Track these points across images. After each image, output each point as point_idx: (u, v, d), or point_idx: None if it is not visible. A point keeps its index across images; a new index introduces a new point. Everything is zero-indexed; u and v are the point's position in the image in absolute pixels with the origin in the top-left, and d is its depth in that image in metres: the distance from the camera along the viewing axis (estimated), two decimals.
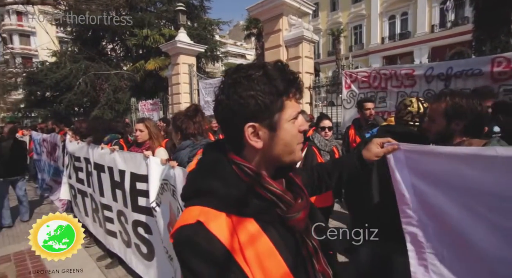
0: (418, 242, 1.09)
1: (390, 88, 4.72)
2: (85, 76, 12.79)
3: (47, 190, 5.59)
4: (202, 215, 0.61)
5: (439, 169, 1.02)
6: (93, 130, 3.22)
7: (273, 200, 0.64)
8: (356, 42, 27.52)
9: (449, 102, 1.27)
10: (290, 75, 0.65)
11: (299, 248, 0.70)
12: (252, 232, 0.62)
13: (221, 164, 0.66)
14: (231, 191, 0.62)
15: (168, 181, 1.94)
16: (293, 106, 0.66)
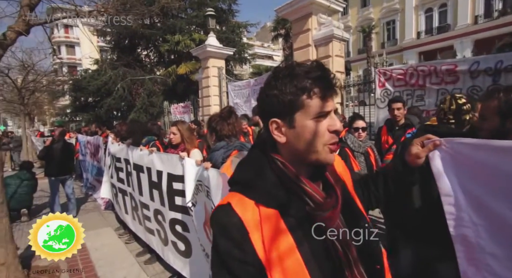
0: (468, 243, 1.01)
1: (429, 86, 4.44)
2: (122, 82, 13.61)
3: (90, 188, 6.05)
4: (234, 199, 0.69)
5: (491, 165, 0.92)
6: (132, 133, 3.41)
7: (301, 196, 0.67)
8: (389, 38, 26.25)
9: (503, 98, 1.16)
10: (315, 73, 0.66)
11: (329, 251, 0.68)
12: (274, 223, 0.65)
13: (258, 157, 0.74)
14: (261, 182, 0.69)
15: (202, 182, 1.99)
16: (316, 104, 0.66)
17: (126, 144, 3.39)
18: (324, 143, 0.67)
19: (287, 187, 0.68)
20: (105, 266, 3.13)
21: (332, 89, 0.67)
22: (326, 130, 0.67)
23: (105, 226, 4.47)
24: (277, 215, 0.66)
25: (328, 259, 0.68)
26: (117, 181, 3.73)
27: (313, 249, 0.66)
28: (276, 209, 0.66)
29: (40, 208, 5.48)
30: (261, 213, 0.66)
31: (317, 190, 0.68)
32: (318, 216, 0.67)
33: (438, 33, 22.50)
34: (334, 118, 0.68)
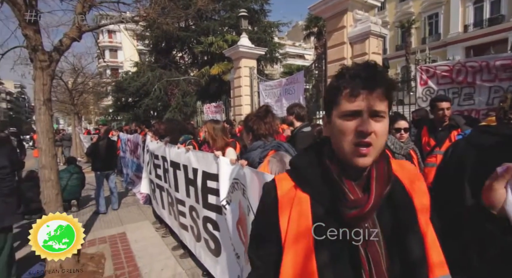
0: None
1: (479, 83, 4.06)
2: (159, 83, 14.34)
3: (130, 183, 6.45)
4: (280, 177, 0.81)
5: None
6: (170, 131, 3.56)
7: (336, 189, 0.70)
8: (430, 33, 24.46)
9: None
10: (350, 72, 0.68)
11: (352, 251, 0.68)
12: (303, 207, 0.72)
13: (312, 149, 0.81)
14: (304, 168, 0.78)
15: (238, 180, 2.01)
16: (345, 102, 0.68)
17: (164, 141, 3.55)
18: (350, 143, 0.67)
19: (327, 178, 0.72)
20: (144, 258, 3.32)
21: (364, 89, 0.65)
22: (353, 131, 0.66)
23: (143, 220, 4.73)
24: (308, 200, 0.73)
25: (345, 258, 0.68)
26: (155, 177, 3.93)
27: (330, 243, 0.68)
28: (309, 194, 0.73)
29: (87, 200, 5.97)
30: (296, 194, 0.74)
31: (350, 186, 0.70)
32: (344, 212, 0.68)
33: (490, 25, 20.46)
34: (365, 119, 0.66)
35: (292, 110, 3.13)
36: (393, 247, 0.69)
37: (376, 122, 0.66)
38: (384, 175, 0.73)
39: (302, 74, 7.09)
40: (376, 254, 0.67)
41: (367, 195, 0.69)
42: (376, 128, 0.66)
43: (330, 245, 0.68)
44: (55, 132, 15.43)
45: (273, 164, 1.64)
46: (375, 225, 0.70)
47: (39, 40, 2.91)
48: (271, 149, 1.80)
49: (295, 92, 7.20)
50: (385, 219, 0.71)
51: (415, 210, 0.74)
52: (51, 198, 2.94)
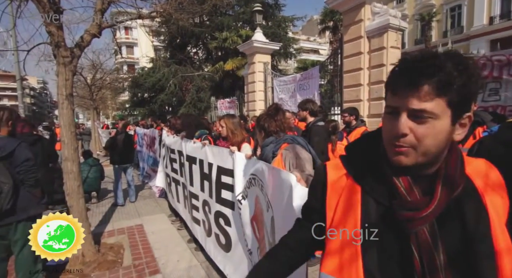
0: None
1: (506, 78, 3.86)
2: (174, 78, 14.54)
3: (147, 177, 6.61)
4: (332, 163, 0.79)
5: None
6: (186, 126, 3.61)
7: (390, 185, 0.65)
8: (452, 26, 23.40)
9: None
10: (400, 63, 0.62)
11: (404, 253, 0.63)
12: (352, 197, 0.70)
13: (370, 136, 0.77)
14: (358, 157, 0.74)
15: (256, 176, 2.02)
16: (389, 98, 0.64)
17: (180, 136, 3.60)
18: (388, 140, 0.64)
19: (381, 172, 0.67)
20: (161, 249, 3.41)
21: (407, 84, 0.58)
22: (392, 129, 0.62)
23: (159, 212, 4.85)
24: (358, 192, 0.69)
25: (397, 260, 0.64)
26: (171, 171, 4.00)
27: (381, 240, 0.65)
28: (360, 185, 0.70)
29: (106, 192, 6.18)
30: (347, 183, 0.72)
31: (407, 185, 0.64)
32: (397, 211, 0.63)
33: None
34: (401, 120, 0.60)
35: (306, 106, 3.20)
36: (453, 248, 0.61)
37: (419, 124, 0.59)
38: (454, 175, 0.64)
39: (317, 69, 6.99)
40: (431, 259, 0.60)
41: (428, 197, 0.62)
42: (417, 130, 0.59)
43: (379, 244, 0.64)
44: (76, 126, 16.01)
45: (287, 155, 1.66)
46: (434, 230, 0.62)
47: (62, 36, 3.00)
48: (284, 142, 1.82)
49: (310, 88, 7.11)
50: (449, 227, 0.63)
51: (489, 220, 0.62)
52: (73, 189, 3.06)
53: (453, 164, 0.65)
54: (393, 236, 0.65)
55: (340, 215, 0.70)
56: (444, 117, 0.59)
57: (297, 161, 1.62)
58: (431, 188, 0.64)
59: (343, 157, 0.79)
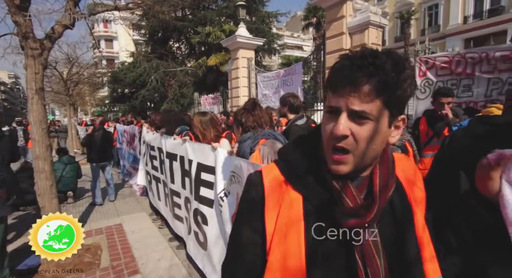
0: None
1: (478, 74, 4.03)
2: (156, 73, 14.15)
3: (127, 175, 6.43)
4: (268, 169, 0.70)
5: None
6: (166, 122, 3.52)
7: (332, 192, 0.62)
8: (430, 25, 24.23)
9: None
10: (341, 62, 0.58)
11: (348, 261, 0.62)
12: (293, 207, 0.64)
13: (306, 140, 0.71)
14: (296, 162, 0.67)
15: (235, 173, 1.99)
16: (329, 98, 0.60)
17: (160, 133, 3.51)
18: (327, 145, 0.60)
19: (321, 177, 0.63)
20: (141, 249, 3.32)
21: (347, 83, 0.55)
22: (330, 131, 0.58)
23: (140, 211, 4.73)
24: (300, 201, 0.64)
25: (341, 269, 0.62)
26: (152, 168, 3.91)
27: (324, 251, 0.61)
28: (301, 194, 0.65)
29: (84, 191, 5.95)
30: (286, 192, 0.65)
31: (349, 192, 0.61)
32: (341, 219, 0.60)
33: (489, 17, 20.28)
34: (340, 120, 0.56)
35: (285, 101, 2.96)
36: (390, 251, 0.63)
37: (358, 125, 0.56)
38: (387, 179, 0.65)
39: (300, 65, 7.01)
40: (374, 266, 0.61)
41: (369, 202, 0.62)
42: (356, 131, 0.56)
43: (324, 256, 0.62)
44: (50, 123, 15.30)
45: (264, 151, 1.64)
46: (375, 235, 0.62)
47: (30, 27, 2.82)
48: (262, 138, 1.79)
49: (293, 84, 7.13)
50: (386, 230, 0.64)
51: (413, 211, 0.68)
52: (45, 189, 2.91)
53: (386, 165, 0.65)
54: (337, 246, 0.62)
55: (282, 227, 0.63)
56: (382, 119, 0.57)
57: (275, 156, 1.61)
58: (368, 191, 0.64)
59: (279, 162, 0.71)
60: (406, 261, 0.64)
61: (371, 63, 0.54)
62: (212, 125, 2.74)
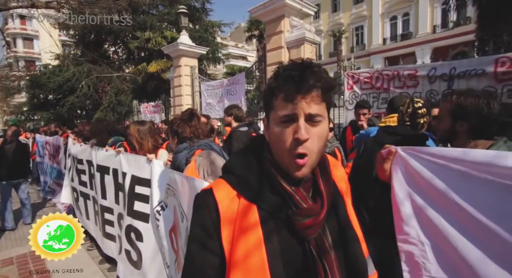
0: (415, 263, 0.92)
1: (392, 89, 4.69)
2: (87, 79, 12.85)
3: (49, 192, 5.61)
4: (218, 185, 0.70)
5: (440, 177, 0.85)
6: (96, 133, 3.21)
7: (285, 197, 0.65)
8: (357, 43, 27.48)
9: (454, 101, 1.22)
10: (284, 73, 0.63)
11: (307, 260, 0.66)
12: (249, 218, 0.64)
13: (255, 150, 0.72)
14: (248, 174, 0.69)
15: (171, 186, 1.93)
16: (281, 107, 0.62)
17: (90, 144, 3.19)
18: (288, 151, 0.62)
19: (273, 185, 0.66)
20: (64, 275, 2.91)
21: (299, 92, 0.60)
22: (291, 137, 0.61)
23: None
24: (255, 211, 0.65)
25: (302, 269, 0.66)
26: (79, 184, 3.50)
27: (285, 255, 0.64)
28: (256, 204, 0.65)
29: None
30: (240, 205, 0.65)
31: (301, 194, 0.66)
32: (297, 221, 0.64)
33: (402, 40, 23.98)
34: (300, 125, 0.60)
35: (230, 111, 3.20)
36: (338, 247, 0.69)
37: (313, 127, 0.62)
38: (328, 177, 0.71)
39: (243, 75, 7.19)
40: (330, 259, 0.66)
41: (319, 202, 0.67)
42: (313, 132, 0.62)
43: (288, 260, 0.64)
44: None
45: (201, 162, 1.63)
46: (325, 230, 0.68)
47: None
48: (198, 148, 1.78)
49: (237, 93, 7.26)
50: (331, 224, 0.70)
51: (345, 202, 0.77)
52: None
53: (325, 164, 0.73)
54: (296, 248, 0.66)
55: (240, 241, 0.63)
56: (326, 119, 0.65)
57: (211, 167, 1.61)
58: (313, 191, 0.70)
59: (228, 176, 0.71)
60: (349, 244, 0.72)
61: (316, 72, 0.61)
62: (150, 135, 2.60)
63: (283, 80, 0.62)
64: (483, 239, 0.78)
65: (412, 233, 0.92)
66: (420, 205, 0.90)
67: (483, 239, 0.78)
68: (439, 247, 0.87)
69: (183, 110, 2.11)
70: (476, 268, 0.78)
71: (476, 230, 0.79)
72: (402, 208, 0.93)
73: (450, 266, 0.85)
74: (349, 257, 0.71)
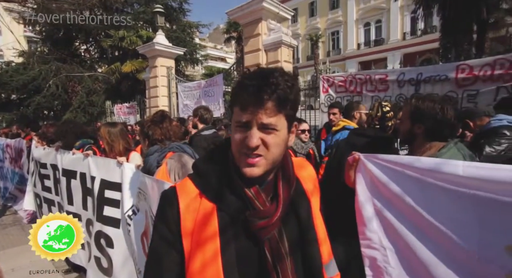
0: (377, 268, 0.94)
1: (365, 93, 4.88)
2: (55, 78, 12.15)
3: (10, 199, 5.21)
4: (182, 184, 0.73)
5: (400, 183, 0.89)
6: (62, 135, 3.03)
7: (243, 198, 0.68)
8: (333, 48, 28.36)
9: (413, 105, 1.28)
10: (243, 83, 0.65)
11: (262, 266, 0.68)
12: (209, 219, 0.67)
13: (216, 152, 0.76)
14: (211, 174, 0.71)
15: (141, 189, 1.87)
16: (238, 114, 0.65)
17: (55, 147, 3.00)
18: (240, 152, 0.66)
19: (234, 187, 0.69)
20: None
21: (254, 103, 0.62)
22: (245, 142, 0.64)
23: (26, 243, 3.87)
24: (214, 210, 0.67)
25: (254, 267, 0.68)
26: (42, 189, 3.29)
27: (239, 255, 0.67)
28: (216, 204, 0.68)
29: None
30: (202, 203, 0.68)
31: (259, 196, 0.68)
32: (253, 222, 0.67)
33: (375, 45, 25.09)
34: (251, 132, 0.63)
35: (196, 112, 3.04)
36: (295, 246, 0.72)
37: (268, 134, 0.64)
38: (289, 179, 0.74)
39: (221, 77, 7.14)
40: (284, 266, 0.68)
41: (275, 204, 0.69)
42: (266, 140, 0.64)
43: (242, 260, 0.67)
44: None
45: (172, 165, 1.60)
46: (280, 227, 0.70)
47: None
48: (169, 151, 1.75)
49: (215, 95, 7.20)
50: (289, 225, 0.73)
51: (310, 204, 0.79)
52: None
53: (287, 167, 0.75)
54: (250, 247, 0.68)
55: (199, 239, 0.66)
56: (283, 128, 0.67)
57: (183, 170, 1.57)
58: (273, 192, 0.72)
59: (193, 176, 0.74)
60: (306, 246, 0.74)
61: (271, 83, 0.62)
62: (121, 137, 2.50)
63: (241, 90, 0.64)
64: (437, 241, 0.82)
65: (374, 238, 0.95)
66: (380, 209, 0.95)
67: (436, 241, 0.82)
68: (400, 251, 0.91)
69: (154, 112, 2.06)
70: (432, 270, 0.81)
71: (430, 232, 0.83)
72: (364, 212, 0.97)
73: (410, 270, 0.89)
74: (306, 258, 0.73)
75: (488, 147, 1.56)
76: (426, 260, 0.83)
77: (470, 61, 3.78)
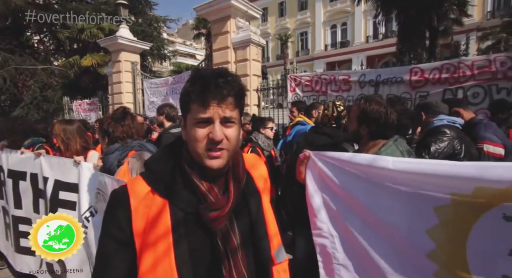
0: (327, 254, 1.06)
1: (330, 92, 5.09)
2: (2, 70, 11.01)
3: None
4: (133, 182, 0.74)
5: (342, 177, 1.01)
6: (8, 133, 2.77)
7: (196, 192, 0.70)
8: (302, 48, 29.09)
9: (361, 106, 1.36)
10: (202, 78, 0.67)
11: (215, 258, 0.72)
12: (161, 214, 0.68)
13: (174, 148, 0.77)
14: (162, 170, 0.73)
15: (100, 190, 1.79)
16: (196, 110, 0.68)
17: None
18: (203, 148, 0.68)
19: (187, 182, 0.71)
20: None
21: (214, 99, 0.66)
22: (206, 137, 0.67)
23: None
24: (167, 206, 0.69)
25: (207, 259, 0.71)
26: None
27: (192, 248, 0.69)
28: (168, 200, 0.70)
29: None
30: (153, 201, 0.69)
31: (212, 190, 0.71)
32: (205, 214, 0.69)
33: (341, 47, 26.19)
34: (216, 127, 0.67)
35: (162, 110, 2.94)
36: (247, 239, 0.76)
37: (227, 128, 0.69)
38: (240, 174, 0.78)
39: (189, 74, 6.99)
40: (236, 258, 0.72)
41: (226, 196, 0.72)
42: (227, 133, 0.68)
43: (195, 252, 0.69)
44: None
45: (134, 164, 1.55)
46: (231, 219, 0.74)
47: None
48: (131, 150, 1.69)
49: None
50: (241, 217, 0.77)
51: (261, 198, 0.84)
52: None
53: (237, 162, 0.78)
54: (203, 239, 0.71)
55: (151, 235, 0.67)
56: (239, 121, 0.73)
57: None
58: (225, 187, 0.75)
59: (145, 173, 0.76)
60: (256, 237, 0.78)
61: (230, 81, 0.68)
62: (78, 135, 2.34)
63: (200, 86, 0.67)
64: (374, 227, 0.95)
65: (324, 227, 1.06)
66: (327, 201, 1.06)
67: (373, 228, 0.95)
68: (345, 238, 1.03)
69: (115, 109, 1.97)
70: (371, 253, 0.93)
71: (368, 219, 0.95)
72: (313, 204, 1.08)
73: (353, 253, 1.01)
74: (258, 252, 0.78)
75: (434, 144, 1.73)
76: (366, 244, 0.95)
77: (421, 65, 4.12)
